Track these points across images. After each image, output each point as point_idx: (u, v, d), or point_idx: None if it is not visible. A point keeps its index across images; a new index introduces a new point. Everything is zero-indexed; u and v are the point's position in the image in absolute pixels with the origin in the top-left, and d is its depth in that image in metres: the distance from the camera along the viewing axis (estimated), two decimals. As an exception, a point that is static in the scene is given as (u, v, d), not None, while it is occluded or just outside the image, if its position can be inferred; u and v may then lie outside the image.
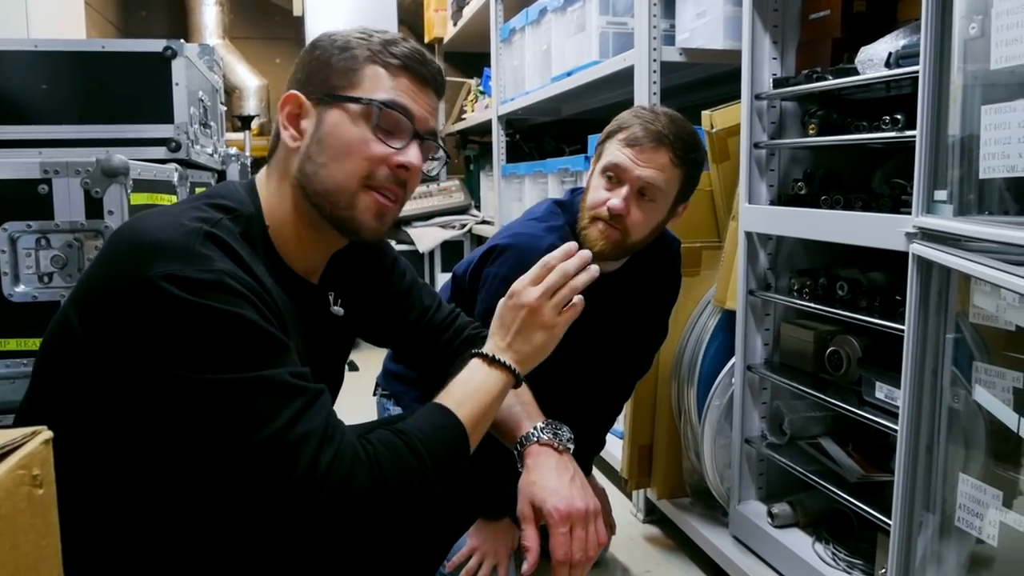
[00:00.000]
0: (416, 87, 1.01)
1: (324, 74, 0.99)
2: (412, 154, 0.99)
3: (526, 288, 1.09)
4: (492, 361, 1.06)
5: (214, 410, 0.83)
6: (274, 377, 0.85)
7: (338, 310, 1.13)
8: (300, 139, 0.99)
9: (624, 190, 1.45)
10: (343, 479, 0.86)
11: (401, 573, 1.21)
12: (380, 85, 0.98)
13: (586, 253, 1.10)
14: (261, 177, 1.04)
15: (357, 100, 0.97)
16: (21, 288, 1.41)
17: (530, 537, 1.08)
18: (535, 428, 1.15)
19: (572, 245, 1.11)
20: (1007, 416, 0.95)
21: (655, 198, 1.47)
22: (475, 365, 1.07)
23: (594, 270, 1.09)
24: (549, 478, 1.10)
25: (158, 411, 0.85)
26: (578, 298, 1.10)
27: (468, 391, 1.03)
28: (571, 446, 1.16)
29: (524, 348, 1.08)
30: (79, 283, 0.93)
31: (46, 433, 0.59)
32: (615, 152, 1.47)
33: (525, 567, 1.08)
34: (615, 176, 1.47)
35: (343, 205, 0.98)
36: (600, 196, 1.48)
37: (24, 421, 0.90)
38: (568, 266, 1.08)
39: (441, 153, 1.09)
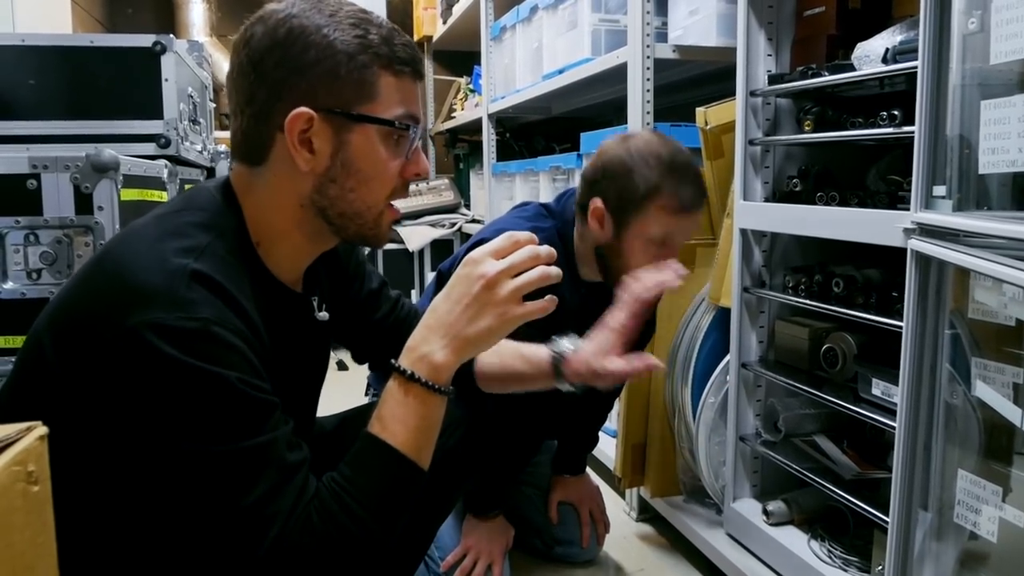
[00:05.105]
0: (416, 87, 0.98)
1: (335, 86, 0.91)
2: (424, 159, 0.99)
3: (486, 259, 0.94)
4: (410, 379, 0.92)
5: (184, 475, 0.83)
6: (251, 449, 0.84)
7: (323, 315, 1.11)
8: (313, 160, 0.92)
9: (673, 256, 1.44)
10: (294, 567, 0.85)
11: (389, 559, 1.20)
12: (394, 98, 0.94)
13: (552, 252, 0.96)
14: (241, 186, 0.97)
15: (387, 122, 0.93)
16: (9, 285, 1.39)
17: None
18: (553, 353, 1.24)
19: (548, 248, 0.97)
20: (1010, 411, 0.95)
21: None
22: (392, 384, 0.94)
23: (556, 272, 0.95)
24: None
25: (126, 450, 0.84)
26: (550, 297, 0.95)
27: (396, 410, 0.93)
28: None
29: (467, 331, 0.93)
30: (56, 307, 0.90)
31: (41, 429, 0.58)
32: (667, 221, 1.45)
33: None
34: (668, 244, 1.47)
35: (370, 225, 0.97)
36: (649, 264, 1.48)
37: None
38: (540, 250, 0.94)
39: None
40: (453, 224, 4.17)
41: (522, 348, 1.29)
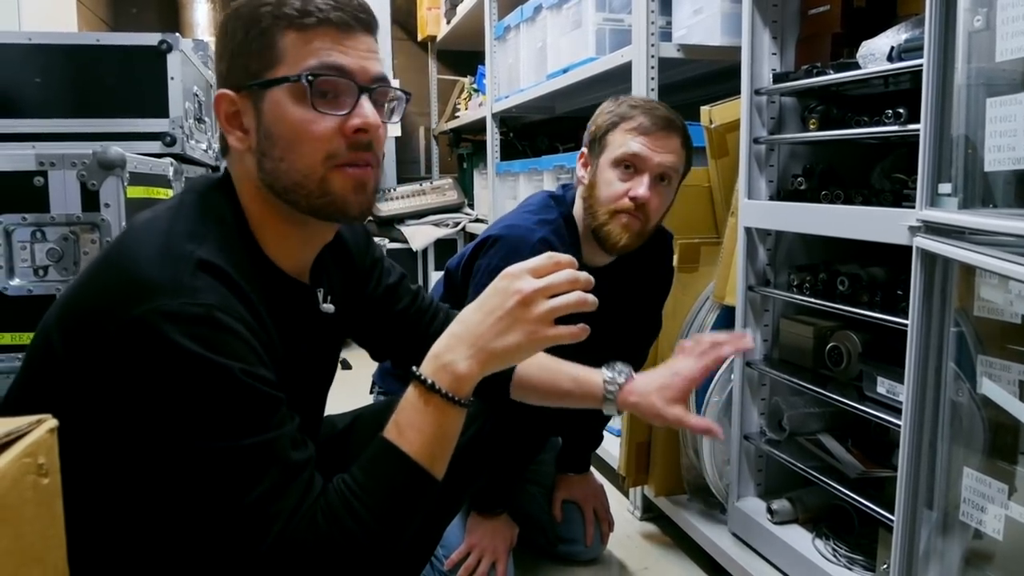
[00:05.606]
0: (342, 35, 0.91)
1: (242, 60, 0.90)
2: (364, 112, 0.91)
3: (523, 275, 0.91)
4: (430, 389, 0.90)
5: (187, 471, 0.83)
6: (254, 447, 0.83)
7: (328, 307, 1.09)
8: (247, 138, 0.93)
9: (645, 178, 1.47)
10: (296, 567, 0.85)
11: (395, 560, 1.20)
12: (301, 53, 0.89)
13: (590, 279, 0.93)
14: (232, 178, 0.99)
15: (284, 80, 0.89)
16: (16, 282, 1.39)
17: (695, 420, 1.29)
18: (607, 382, 1.28)
19: (587, 275, 0.94)
20: (1016, 408, 0.95)
21: (671, 182, 1.51)
22: (412, 391, 0.92)
23: (592, 301, 0.92)
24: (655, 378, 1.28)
25: (132, 446, 0.84)
26: (582, 326, 0.93)
27: (414, 417, 0.91)
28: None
29: (495, 344, 0.90)
30: (65, 302, 0.90)
31: (51, 421, 0.58)
32: (629, 143, 1.48)
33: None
34: (633, 166, 1.49)
35: (316, 193, 0.92)
36: (618, 188, 1.49)
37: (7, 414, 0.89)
38: (579, 275, 0.91)
39: (398, 94, 0.98)
40: (457, 223, 4.18)
41: (571, 368, 1.31)
